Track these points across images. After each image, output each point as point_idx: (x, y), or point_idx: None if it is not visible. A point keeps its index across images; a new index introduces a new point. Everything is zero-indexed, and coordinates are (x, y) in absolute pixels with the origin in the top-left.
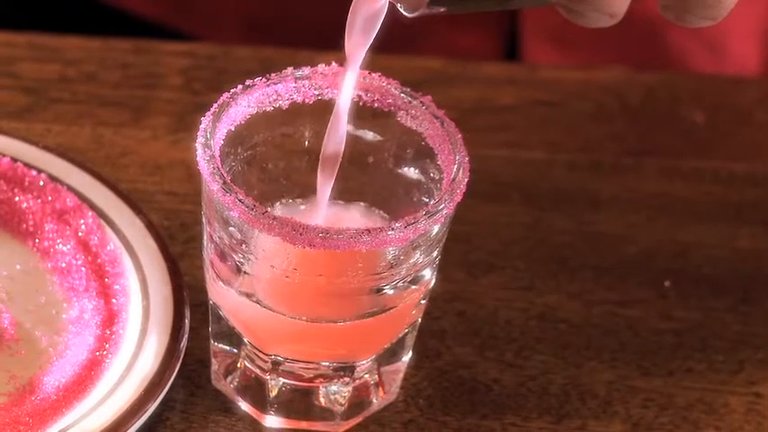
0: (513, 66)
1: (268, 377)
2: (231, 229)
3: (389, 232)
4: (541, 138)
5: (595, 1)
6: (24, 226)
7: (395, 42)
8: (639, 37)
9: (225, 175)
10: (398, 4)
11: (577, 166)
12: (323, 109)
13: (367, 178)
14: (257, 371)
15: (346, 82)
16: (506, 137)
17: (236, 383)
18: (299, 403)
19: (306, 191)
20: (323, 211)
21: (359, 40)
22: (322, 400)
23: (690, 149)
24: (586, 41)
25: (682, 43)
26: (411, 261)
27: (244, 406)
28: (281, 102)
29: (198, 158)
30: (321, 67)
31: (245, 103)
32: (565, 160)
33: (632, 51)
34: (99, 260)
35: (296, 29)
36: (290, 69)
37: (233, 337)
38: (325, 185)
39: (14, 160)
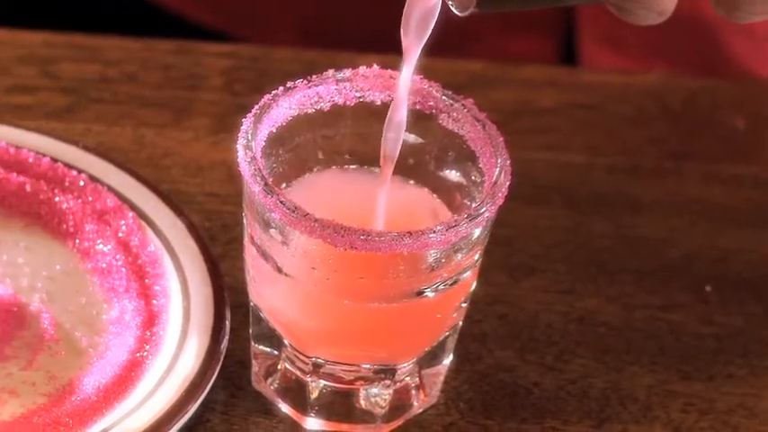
0: (554, 68)
1: (309, 379)
2: (272, 230)
3: (431, 235)
4: (582, 141)
5: None
6: (64, 226)
7: (448, 46)
8: (697, 39)
9: (266, 176)
10: (450, 3)
11: (618, 170)
12: (364, 111)
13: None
14: (298, 373)
15: (403, 77)
16: (547, 140)
17: (276, 385)
18: (340, 406)
19: None
20: (383, 195)
21: (414, 37)
22: (362, 402)
23: (730, 155)
24: (644, 44)
25: (739, 45)
26: (452, 264)
27: (284, 408)
28: (322, 104)
29: (239, 160)
30: (362, 69)
31: (287, 105)
32: (605, 164)
33: (690, 53)
34: (139, 261)
35: (338, 31)
36: (331, 71)
37: (274, 339)
38: (384, 183)
39: (54, 160)
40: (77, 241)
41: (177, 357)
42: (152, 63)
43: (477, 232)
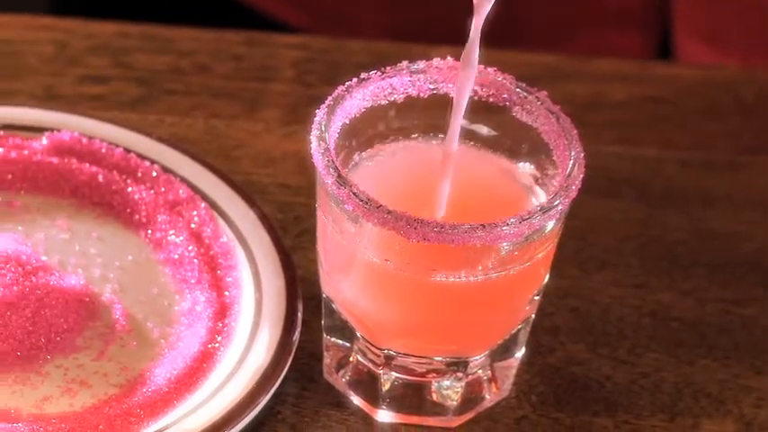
0: (627, 62)
1: (380, 371)
2: (345, 221)
3: (504, 227)
4: (655, 135)
5: None
6: (137, 217)
7: (544, 39)
8: None
9: (339, 168)
10: None
11: (691, 164)
12: (438, 103)
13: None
14: (370, 365)
15: (474, 27)
16: (620, 133)
17: (348, 377)
18: (412, 398)
19: None
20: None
21: None
22: (434, 395)
23: None
24: (740, 39)
25: None
26: (525, 255)
27: (356, 400)
28: (395, 95)
29: (312, 151)
30: (436, 61)
31: (360, 96)
32: (678, 157)
33: None
34: (211, 252)
35: (412, 25)
36: (405, 63)
37: (346, 331)
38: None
39: (127, 151)
40: (150, 232)
41: (249, 349)
42: (224, 54)
43: (550, 225)
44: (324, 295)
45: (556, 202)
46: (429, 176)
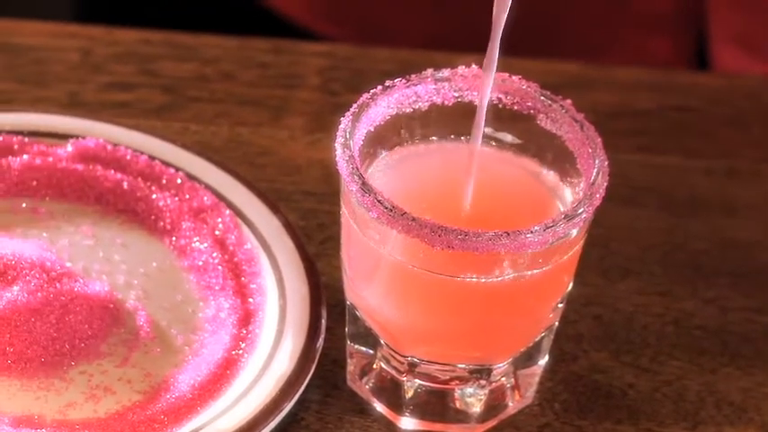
0: (651, 70)
1: (404, 379)
2: (370, 229)
3: (528, 235)
4: (679, 143)
5: None
6: (161, 224)
7: (578, 49)
8: None
9: (364, 175)
10: None
11: (714, 172)
12: (462, 111)
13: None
14: (393, 372)
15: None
16: (643, 141)
17: (371, 384)
18: (435, 405)
19: None
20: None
21: None
22: (457, 402)
23: None
24: None
25: None
26: (549, 262)
27: (379, 407)
28: (420, 103)
29: (337, 158)
30: (461, 69)
31: (385, 104)
32: (702, 166)
33: None
34: (236, 259)
35: (435, 33)
36: (429, 71)
37: (370, 338)
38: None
39: (152, 158)
40: (174, 239)
41: (273, 356)
42: (249, 62)
43: (573, 232)
44: (348, 302)
45: (580, 210)
46: (454, 177)
